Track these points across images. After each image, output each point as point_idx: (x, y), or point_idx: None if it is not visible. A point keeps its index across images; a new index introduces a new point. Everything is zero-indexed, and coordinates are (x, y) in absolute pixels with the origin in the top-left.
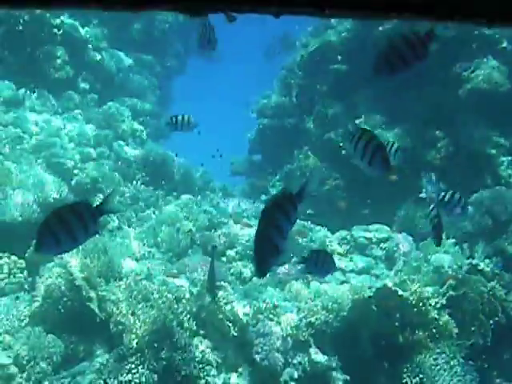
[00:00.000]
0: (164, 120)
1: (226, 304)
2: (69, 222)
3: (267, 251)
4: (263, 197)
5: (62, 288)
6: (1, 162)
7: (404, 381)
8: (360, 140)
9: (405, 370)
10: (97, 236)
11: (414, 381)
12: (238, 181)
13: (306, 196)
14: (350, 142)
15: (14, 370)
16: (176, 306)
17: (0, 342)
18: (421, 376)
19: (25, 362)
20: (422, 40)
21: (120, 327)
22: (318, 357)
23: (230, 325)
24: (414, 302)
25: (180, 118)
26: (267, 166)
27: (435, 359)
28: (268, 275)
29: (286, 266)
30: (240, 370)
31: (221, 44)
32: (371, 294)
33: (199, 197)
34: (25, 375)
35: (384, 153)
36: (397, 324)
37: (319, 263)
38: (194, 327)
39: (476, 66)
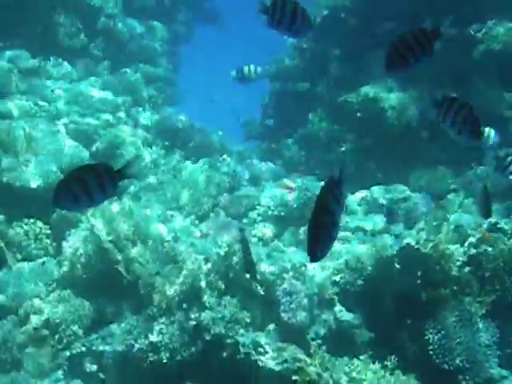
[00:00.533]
0: (178, 88)
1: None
2: (87, 181)
3: (323, 239)
4: (278, 160)
5: (90, 251)
6: (23, 130)
7: (426, 337)
8: (450, 108)
9: (427, 326)
10: (122, 200)
11: (436, 337)
12: (252, 145)
13: (345, 180)
14: (437, 110)
15: (45, 333)
16: (204, 267)
17: (30, 306)
18: (443, 332)
19: (56, 325)
20: (429, 37)
21: (149, 288)
22: (343, 315)
23: (257, 284)
24: (436, 260)
25: (246, 68)
26: (281, 129)
27: (457, 316)
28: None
29: None
30: (268, 328)
31: (227, 10)
32: (394, 253)
33: (218, 160)
34: (56, 337)
35: (475, 121)
36: (419, 282)
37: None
38: (222, 287)
39: (489, 27)
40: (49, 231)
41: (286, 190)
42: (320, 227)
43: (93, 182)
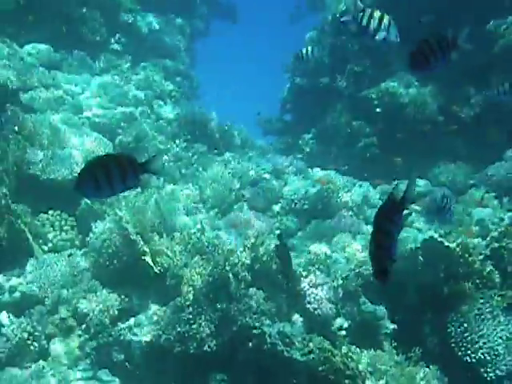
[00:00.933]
0: (195, 81)
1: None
2: (110, 171)
3: (387, 261)
4: (298, 155)
5: (116, 243)
6: (48, 122)
7: (449, 330)
8: None
9: (449, 319)
10: (147, 192)
11: (458, 330)
12: (270, 140)
13: (409, 201)
14: None
15: (72, 322)
16: (231, 258)
17: (58, 297)
18: (465, 325)
19: (83, 316)
20: (448, 45)
21: (176, 280)
22: (367, 306)
23: (285, 277)
24: (459, 254)
25: (304, 51)
26: (299, 124)
27: (479, 309)
28: None
29: (334, 219)
30: (293, 319)
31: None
32: (418, 246)
33: (241, 154)
34: (84, 327)
35: None
36: (442, 275)
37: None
38: (249, 278)
39: (510, 22)
40: (74, 223)
41: (323, 183)
42: (383, 250)
43: (116, 172)
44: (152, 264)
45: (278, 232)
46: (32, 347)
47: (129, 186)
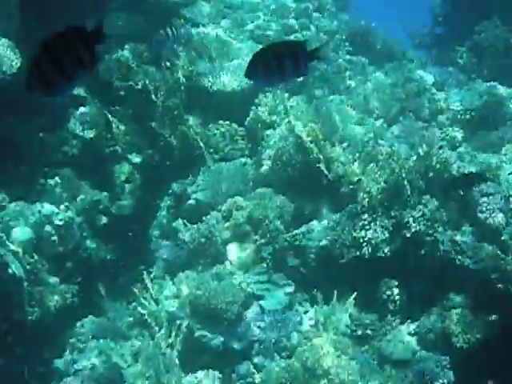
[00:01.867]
0: None
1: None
2: (281, 56)
3: None
4: (450, 68)
5: (291, 151)
6: (215, 35)
7: None
8: None
9: None
10: (319, 102)
11: None
12: (421, 53)
13: None
14: None
15: (247, 228)
16: (406, 166)
17: (233, 203)
18: None
19: (258, 221)
20: None
21: (350, 187)
22: None
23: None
24: None
25: None
26: (452, 36)
27: None
28: None
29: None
30: (464, 228)
31: None
32: None
33: (400, 66)
34: (260, 232)
35: None
36: None
37: None
38: (423, 186)
39: None
40: (243, 133)
41: None
42: None
43: (286, 57)
44: (326, 171)
45: None
46: (209, 252)
47: (298, 72)
